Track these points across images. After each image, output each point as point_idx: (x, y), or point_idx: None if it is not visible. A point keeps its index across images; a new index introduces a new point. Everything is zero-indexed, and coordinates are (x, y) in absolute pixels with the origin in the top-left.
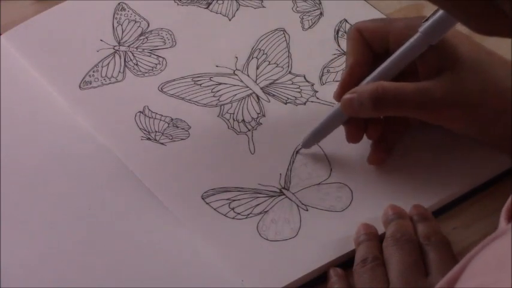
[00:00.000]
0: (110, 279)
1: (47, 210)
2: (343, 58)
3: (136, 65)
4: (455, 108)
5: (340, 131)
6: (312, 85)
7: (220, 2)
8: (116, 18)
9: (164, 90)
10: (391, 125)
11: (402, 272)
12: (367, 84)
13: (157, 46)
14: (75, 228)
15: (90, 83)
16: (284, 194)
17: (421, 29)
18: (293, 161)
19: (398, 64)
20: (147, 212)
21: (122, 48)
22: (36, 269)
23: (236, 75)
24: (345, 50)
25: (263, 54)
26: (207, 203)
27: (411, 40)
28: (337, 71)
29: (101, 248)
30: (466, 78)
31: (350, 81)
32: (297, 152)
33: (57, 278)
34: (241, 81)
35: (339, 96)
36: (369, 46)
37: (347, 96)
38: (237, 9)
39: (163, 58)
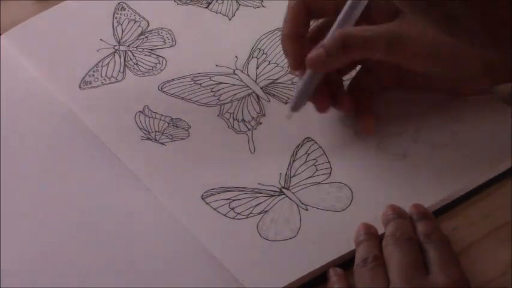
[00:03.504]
0: (110, 279)
1: (46, 210)
2: None
3: (136, 64)
4: (421, 44)
5: (340, 132)
6: None
7: (220, 1)
8: (116, 17)
9: (164, 89)
10: (364, 88)
11: (402, 271)
12: (331, 35)
13: (157, 46)
14: (75, 228)
15: (90, 83)
16: (284, 194)
17: None
18: (293, 161)
19: (352, 13)
20: (146, 212)
21: (122, 47)
22: (36, 269)
23: (236, 74)
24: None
25: (263, 53)
26: (207, 203)
27: None
28: None
29: (100, 248)
30: (425, 18)
31: (295, 48)
32: (287, 117)
33: (57, 278)
34: (241, 80)
35: (295, 65)
36: (309, 17)
37: (313, 52)
38: (237, 9)
39: (163, 58)
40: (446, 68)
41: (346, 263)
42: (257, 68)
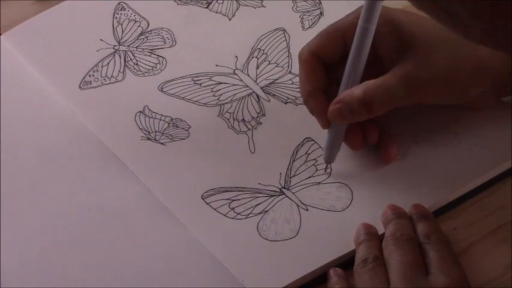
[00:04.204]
0: (109, 279)
1: (46, 210)
2: None
3: (136, 64)
4: (436, 83)
5: None
6: None
7: (220, 1)
8: (116, 17)
9: (164, 89)
10: (385, 124)
11: (402, 271)
12: (352, 90)
13: (157, 46)
14: (75, 228)
15: (90, 83)
16: (284, 194)
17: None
18: (293, 161)
19: (362, 53)
20: (147, 212)
21: (122, 47)
22: (36, 269)
23: (236, 74)
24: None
25: (263, 53)
26: (207, 203)
27: (358, 27)
28: None
29: (100, 248)
30: (434, 50)
31: (321, 106)
32: (327, 169)
33: (57, 278)
34: (241, 80)
35: (325, 124)
36: (323, 68)
37: (333, 107)
38: (237, 9)
39: (163, 58)
40: (463, 95)
41: (346, 263)
42: (257, 68)
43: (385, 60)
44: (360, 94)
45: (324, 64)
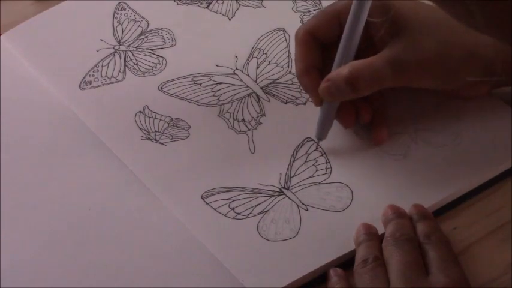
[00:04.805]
0: (109, 279)
1: (46, 210)
2: None
3: (136, 64)
4: (422, 66)
5: (340, 132)
6: None
7: (220, 1)
8: (116, 17)
9: (164, 89)
10: (377, 105)
11: (402, 271)
12: (340, 69)
13: (157, 46)
14: (75, 228)
15: (90, 83)
16: (284, 194)
17: None
18: (293, 161)
19: (355, 32)
20: (147, 212)
21: (122, 47)
22: (36, 268)
23: (236, 74)
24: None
25: (263, 54)
26: (207, 203)
27: (352, 5)
28: None
29: (100, 247)
30: (424, 35)
31: (313, 84)
32: (317, 146)
33: (57, 278)
34: (241, 80)
35: (317, 101)
36: (319, 47)
37: (322, 85)
38: (237, 9)
39: (163, 58)
40: (446, 82)
41: (346, 263)
42: (257, 68)
43: (378, 43)
44: (345, 73)
45: (320, 43)
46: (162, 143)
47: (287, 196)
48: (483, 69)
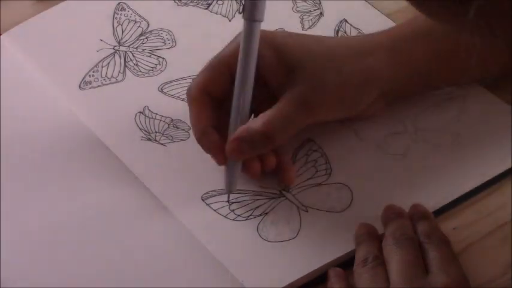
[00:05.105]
0: (109, 279)
1: (46, 210)
2: None
3: (137, 65)
4: (327, 99)
5: (340, 132)
6: None
7: (220, 2)
8: (116, 18)
9: (164, 90)
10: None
11: (402, 271)
12: (250, 124)
13: (157, 46)
14: (75, 228)
15: (90, 83)
16: (284, 196)
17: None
18: (293, 163)
19: (246, 81)
20: (147, 212)
21: (122, 48)
22: (35, 268)
23: None
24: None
25: None
26: (207, 204)
27: (240, 52)
28: None
29: (100, 248)
30: (320, 69)
31: (215, 143)
32: (230, 202)
33: (57, 278)
34: None
35: (221, 161)
36: (212, 102)
37: (231, 146)
38: (237, 10)
39: (163, 58)
40: (353, 107)
41: (346, 263)
42: None
43: (272, 86)
44: (260, 127)
45: (213, 99)
46: (162, 144)
47: (287, 198)
48: (381, 90)
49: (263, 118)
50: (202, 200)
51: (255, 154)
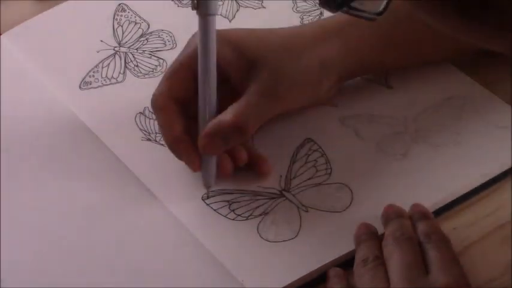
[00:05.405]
0: (109, 279)
1: (46, 210)
2: None
3: (137, 66)
4: (291, 87)
5: (340, 132)
6: None
7: (220, 3)
8: (116, 19)
9: None
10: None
11: (402, 271)
12: (220, 118)
13: (157, 48)
14: (75, 229)
15: (90, 84)
16: (284, 196)
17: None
18: (293, 162)
19: (209, 79)
20: (147, 212)
21: (122, 49)
22: (35, 268)
23: None
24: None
25: None
26: (207, 204)
27: (198, 50)
28: None
29: (100, 248)
30: (280, 59)
31: (188, 149)
32: (207, 197)
33: (57, 278)
34: None
35: (196, 166)
36: (180, 108)
37: (204, 142)
38: (237, 10)
39: (163, 60)
40: (316, 92)
41: (346, 263)
42: None
43: (235, 82)
44: (230, 120)
45: (180, 105)
46: (162, 144)
47: (287, 198)
48: (338, 75)
49: (232, 110)
50: (202, 200)
51: (227, 147)
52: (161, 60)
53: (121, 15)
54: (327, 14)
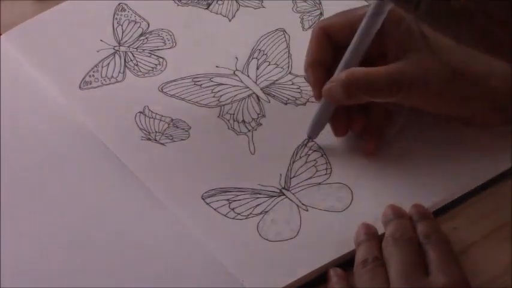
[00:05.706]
0: (109, 279)
1: (46, 211)
2: None
3: (137, 65)
4: (427, 87)
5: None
6: None
7: (220, 2)
8: (116, 18)
9: (164, 90)
10: (374, 119)
11: (402, 271)
12: (340, 73)
13: (157, 47)
14: (75, 229)
15: (90, 83)
16: (284, 195)
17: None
18: (293, 162)
19: (363, 42)
20: (147, 212)
21: (122, 48)
22: (36, 269)
23: (236, 75)
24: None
25: (263, 54)
26: (207, 203)
27: (366, 14)
28: None
29: (100, 248)
30: (431, 56)
31: (317, 77)
32: (305, 145)
33: (57, 278)
34: (242, 81)
35: (318, 96)
36: (331, 45)
37: (326, 86)
38: (237, 10)
39: (163, 59)
40: (454, 108)
41: (346, 263)
42: (257, 68)
43: (390, 56)
44: (343, 77)
45: (333, 42)
46: (162, 144)
47: (287, 197)
48: (492, 99)
49: (351, 71)
50: (202, 199)
51: (337, 102)
52: (161, 59)
53: (121, 15)
54: (326, 14)
